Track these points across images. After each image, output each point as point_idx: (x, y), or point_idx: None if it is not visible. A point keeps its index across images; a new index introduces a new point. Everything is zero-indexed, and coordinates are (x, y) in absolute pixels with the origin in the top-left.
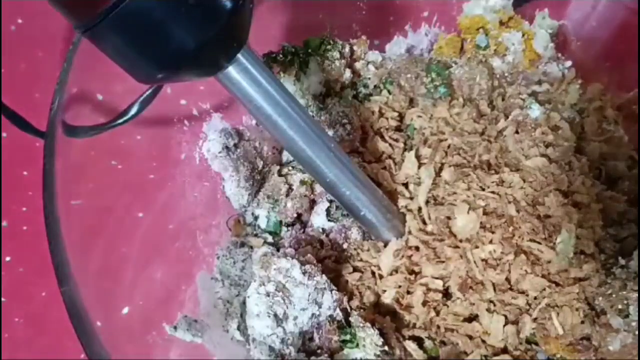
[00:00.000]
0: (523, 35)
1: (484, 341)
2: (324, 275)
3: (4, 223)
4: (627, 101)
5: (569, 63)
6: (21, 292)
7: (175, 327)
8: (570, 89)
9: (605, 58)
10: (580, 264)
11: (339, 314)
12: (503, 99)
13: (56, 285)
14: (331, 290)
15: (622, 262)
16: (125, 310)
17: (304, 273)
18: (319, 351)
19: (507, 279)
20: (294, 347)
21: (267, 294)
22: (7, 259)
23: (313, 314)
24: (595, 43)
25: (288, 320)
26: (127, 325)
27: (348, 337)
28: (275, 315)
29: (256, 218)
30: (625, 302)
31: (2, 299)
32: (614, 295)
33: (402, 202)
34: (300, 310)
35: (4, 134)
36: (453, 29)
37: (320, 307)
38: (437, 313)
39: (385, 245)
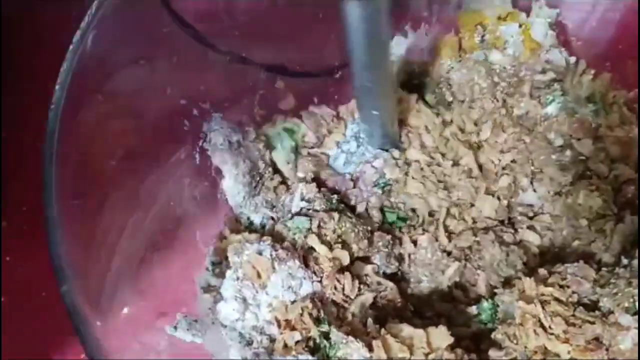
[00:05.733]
0: (520, 26)
1: None
2: (297, 261)
3: (4, 223)
4: (627, 101)
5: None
6: (21, 292)
7: (175, 327)
8: (583, 80)
9: (605, 58)
10: None
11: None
12: (509, 95)
13: (56, 285)
14: (312, 282)
15: (625, 261)
16: (125, 310)
17: (274, 257)
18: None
19: None
20: (267, 337)
21: (237, 278)
22: (7, 258)
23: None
24: (596, 43)
25: (261, 306)
26: (127, 325)
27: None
28: (244, 300)
29: (251, 223)
30: (632, 299)
31: (2, 299)
32: (619, 294)
33: None
34: (274, 298)
35: (4, 134)
36: (452, 29)
37: (297, 295)
38: None
39: None
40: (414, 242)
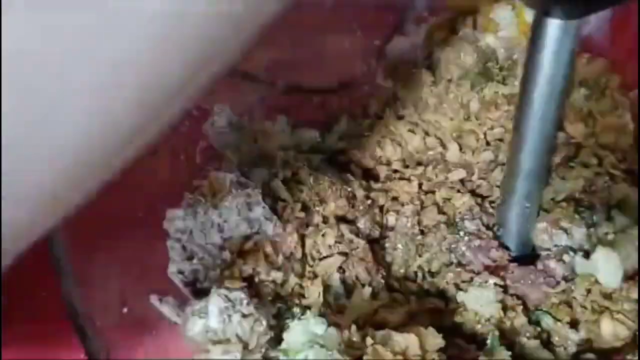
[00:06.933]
0: (513, 8)
1: None
2: (257, 190)
3: None
4: (620, 86)
5: None
6: (21, 292)
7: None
8: (576, 64)
9: (605, 58)
10: None
11: None
12: (501, 69)
13: (56, 285)
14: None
15: None
16: (125, 310)
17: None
18: None
19: None
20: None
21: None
22: None
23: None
24: (595, 43)
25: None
26: (127, 325)
27: None
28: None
29: None
30: None
31: (2, 299)
32: None
33: None
34: (225, 222)
35: None
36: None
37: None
38: None
39: None
40: (397, 211)
